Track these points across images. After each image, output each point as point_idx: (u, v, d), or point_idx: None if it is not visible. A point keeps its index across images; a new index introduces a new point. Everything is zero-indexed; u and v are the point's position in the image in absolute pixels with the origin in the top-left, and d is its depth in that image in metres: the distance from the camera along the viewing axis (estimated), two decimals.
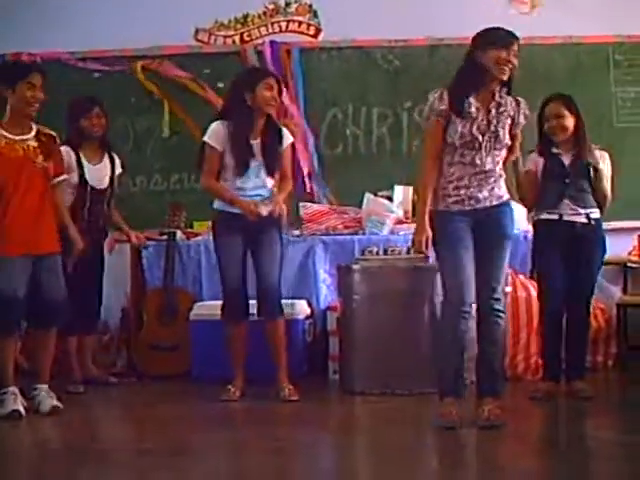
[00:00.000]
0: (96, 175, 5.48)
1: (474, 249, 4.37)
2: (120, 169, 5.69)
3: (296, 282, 5.89)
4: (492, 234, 4.37)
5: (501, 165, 4.42)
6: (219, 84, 6.41)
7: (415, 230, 4.38)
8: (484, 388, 4.44)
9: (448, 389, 4.40)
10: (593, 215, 4.99)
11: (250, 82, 5.05)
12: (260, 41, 6.55)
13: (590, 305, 5.08)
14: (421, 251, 4.39)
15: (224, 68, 6.37)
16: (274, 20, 6.60)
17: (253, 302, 5.19)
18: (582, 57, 6.42)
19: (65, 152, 5.26)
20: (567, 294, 4.97)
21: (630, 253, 6.17)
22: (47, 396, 4.84)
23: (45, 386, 4.88)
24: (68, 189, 5.30)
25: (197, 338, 5.65)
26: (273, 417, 4.84)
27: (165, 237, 5.97)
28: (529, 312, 5.45)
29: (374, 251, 5.45)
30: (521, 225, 5.68)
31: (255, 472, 3.87)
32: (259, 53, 6.47)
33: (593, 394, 4.96)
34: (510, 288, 5.60)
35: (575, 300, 4.99)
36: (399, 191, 6.08)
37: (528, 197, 5.03)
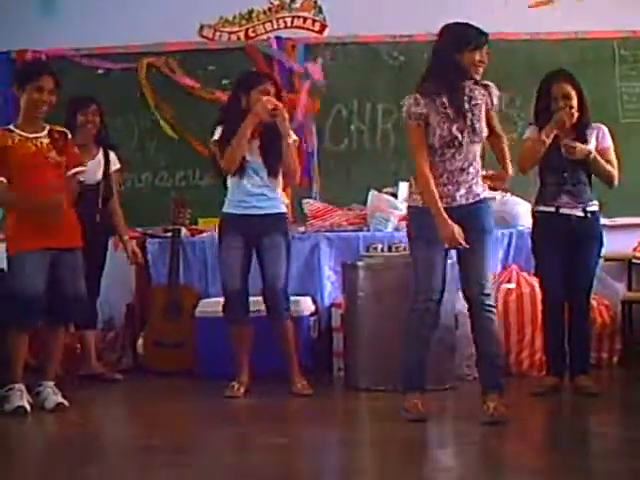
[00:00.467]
0: (87, 171, 5.48)
1: (456, 248, 4.42)
2: (117, 165, 5.72)
3: (301, 279, 5.89)
4: (471, 231, 4.40)
5: (478, 159, 4.44)
6: (224, 81, 6.41)
7: (440, 227, 4.34)
8: (487, 384, 4.45)
9: (412, 383, 4.47)
10: (590, 208, 4.98)
11: (246, 86, 5.15)
12: (265, 37, 6.55)
13: (590, 299, 5.08)
14: (456, 244, 4.34)
15: (229, 64, 6.38)
16: (279, 16, 6.59)
17: (256, 299, 5.20)
18: (587, 53, 6.40)
19: None
20: (567, 289, 4.97)
21: (635, 249, 6.16)
22: (52, 393, 4.85)
23: (51, 383, 4.89)
24: None
25: (202, 335, 5.65)
26: (278, 413, 4.85)
27: (170, 234, 5.97)
28: (533, 308, 5.44)
29: (379, 248, 5.45)
30: (526, 221, 5.67)
31: (260, 468, 3.88)
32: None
33: (598, 390, 4.95)
34: (514, 285, 5.61)
35: (575, 295, 5.00)
36: (404, 187, 6.06)
37: (526, 164, 4.96)
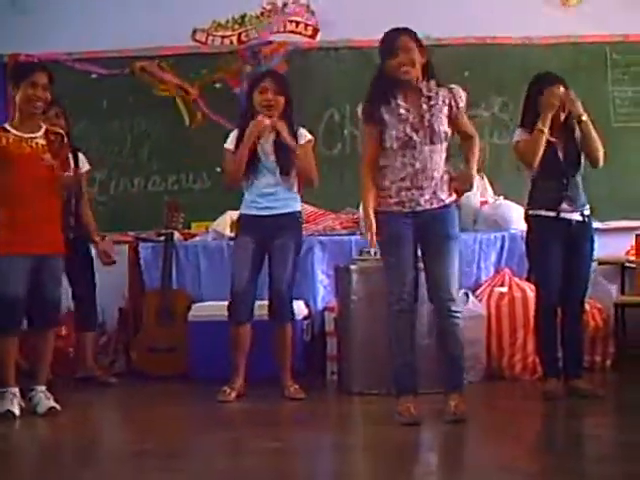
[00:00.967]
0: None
1: (422, 253, 4.49)
2: (87, 167, 5.69)
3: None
4: (436, 236, 4.46)
5: (442, 165, 4.47)
6: (216, 85, 6.42)
7: (366, 229, 4.52)
8: (450, 384, 4.51)
9: (402, 387, 4.51)
10: (586, 212, 5.00)
11: (250, 86, 5.25)
12: (257, 41, 6.55)
13: (585, 302, 5.08)
14: (373, 245, 4.51)
15: (222, 68, 6.38)
16: (271, 21, 6.59)
17: (261, 303, 5.21)
18: (579, 57, 6.43)
19: None
20: (563, 292, 4.98)
21: (628, 253, 6.17)
22: (44, 397, 4.84)
23: (43, 387, 4.88)
24: None
25: (195, 339, 5.64)
26: (271, 418, 4.84)
27: (163, 238, 5.97)
28: (525, 312, 5.45)
29: (371, 252, 5.45)
30: (519, 225, 5.68)
31: (253, 473, 3.87)
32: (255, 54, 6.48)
33: (601, 393, 4.96)
34: (506, 289, 5.62)
35: (570, 298, 5.00)
36: None
37: (530, 158, 4.93)
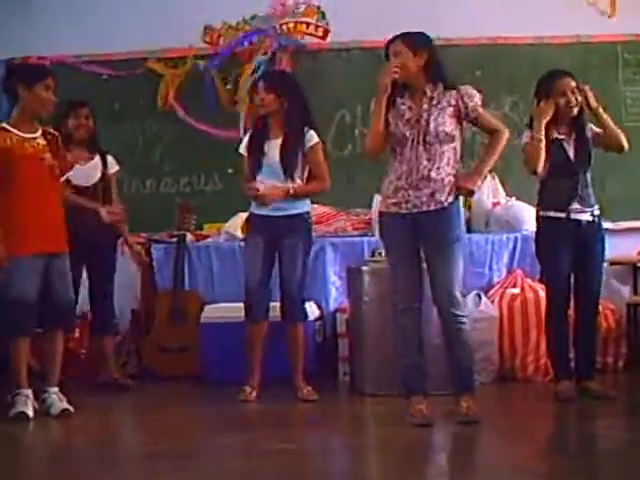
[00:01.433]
0: (82, 174, 5.47)
1: (424, 255, 4.50)
2: (117, 167, 5.69)
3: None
4: (435, 239, 4.47)
5: (445, 167, 4.46)
6: (227, 86, 6.42)
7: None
8: (460, 387, 4.51)
9: (411, 387, 4.51)
10: (596, 212, 4.99)
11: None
12: (268, 42, 6.55)
13: (599, 303, 5.07)
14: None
15: (232, 69, 6.39)
16: (282, 22, 6.60)
17: (274, 304, 5.22)
18: (590, 56, 6.41)
19: None
20: (577, 294, 4.98)
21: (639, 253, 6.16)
22: (57, 399, 4.86)
23: (55, 389, 4.89)
24: None
25: (207, 340, 5.65)
26: (283, 419, 4.85)
27: (175, 239, 5.98)
28: (538, 313, 5.43)
29: (383, 253, 5.44)
30: (531, 226, 5.67)
31: (266, 473, 3.88)
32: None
33: (613, 394, 4.95)
34: (518, 290, 5.61)
35: (584, 299, 4.99)
36: None
37: (531, 165, 4.94)
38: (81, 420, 4.82)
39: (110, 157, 5.68)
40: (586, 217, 4.95)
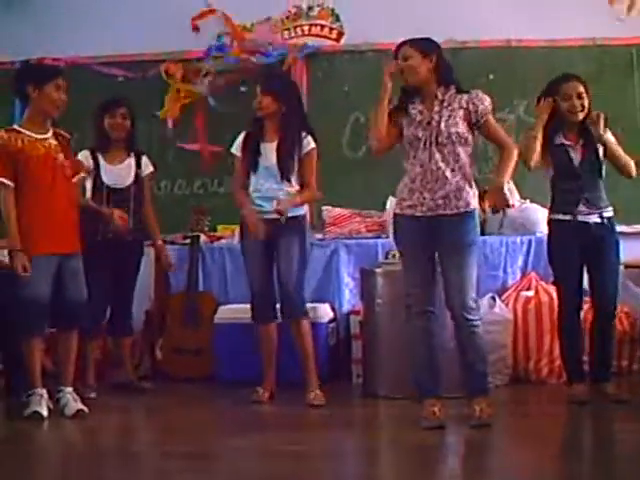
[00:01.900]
0: (115, 175, 5.47)
1: (439, 259, 4.51)
2: (151, 168, 5.66)
3: (319, 286, 5.89)
4: (450, 244, 4.47)
5: (460, 169, 4.46)
6: (242, 88, 6.43)
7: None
8: (473, 390, 4.50)
9: (426, 390, 4.52)
10: (606, 214, 4.97)
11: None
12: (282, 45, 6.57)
13: (616, 305, 5.03)
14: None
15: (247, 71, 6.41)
16: (296, 24, 6.61)
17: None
18: (604, 59, 6.38)
19: (84, 157, 5.37)
20: (593, 296, 4.97)
21: None
22: (72, 399, 4.87)
23: (70, 389, 4.90)
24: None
25: (221, 341, 5.65)
26: (297, 421, 4.84)
27: (189, 241, 5.99)
28: (552, 316, 5.40)
29: (397, 255, 5.44)
30: (545, 228, 5.65)
31: (279, 475, 3.88)
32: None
33: (627, 397, 4.93)
34: (532, 293, 5.60)
35: (602, 302, 4.97)
36: None
37: (524, 158, 4.90)
38: (95, 421, 4.83)
39: (145, 158, 5.64)
40: (594, 219, 4.93)
